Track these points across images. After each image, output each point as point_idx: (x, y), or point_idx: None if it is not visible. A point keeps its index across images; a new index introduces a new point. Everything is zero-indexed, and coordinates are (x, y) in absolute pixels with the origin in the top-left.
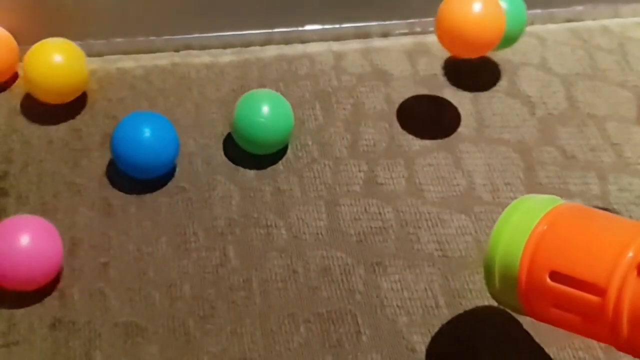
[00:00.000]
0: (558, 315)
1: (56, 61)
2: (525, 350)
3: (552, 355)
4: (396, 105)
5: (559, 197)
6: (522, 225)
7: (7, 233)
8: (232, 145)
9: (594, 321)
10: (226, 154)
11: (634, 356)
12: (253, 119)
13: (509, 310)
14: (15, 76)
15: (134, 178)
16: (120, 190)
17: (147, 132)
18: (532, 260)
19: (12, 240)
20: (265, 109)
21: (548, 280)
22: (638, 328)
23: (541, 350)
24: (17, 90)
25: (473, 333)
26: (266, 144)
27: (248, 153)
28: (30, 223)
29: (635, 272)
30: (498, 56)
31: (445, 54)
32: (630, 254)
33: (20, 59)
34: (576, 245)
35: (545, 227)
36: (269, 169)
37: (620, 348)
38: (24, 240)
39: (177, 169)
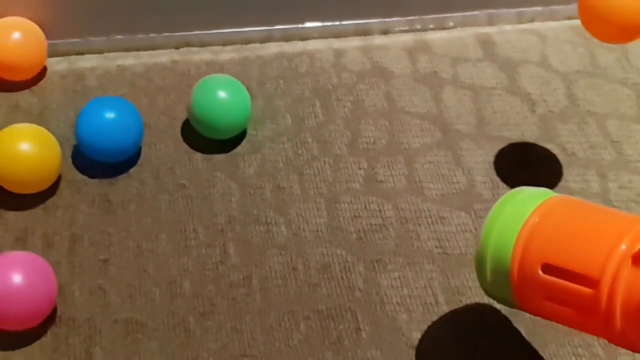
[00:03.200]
0: (551, 308)
1: (23, 150)
2: (525, 347)
3: (551, 352)
4: (396, 103)
5: (550, 190)
6: (513, 218)
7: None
8: (232, 142)
9: (587, 314)
10: (226, 152)
11: (627, 349)
12: (209, 103)
13: (501, 304)
14: (44, 71)
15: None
16: (120, 187)
17: (108, 116)
18: (524, 252)
19: (3, 280)
20: (222, 94)
21: (540, 272)
22: (631, 320)
23: (541, 347)
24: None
25: (473, 330)
26: (223, 128)
27: (248, 151)
28: (23, 261)
29: (629, 262)
30: (498, 53)
31: (446, 51)
32: (623, 247)
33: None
34: (568, 237)
35: (537, 219)
36: (269, 166)
37: (613, 341)
38: (17, 280)
39: (177, 166)
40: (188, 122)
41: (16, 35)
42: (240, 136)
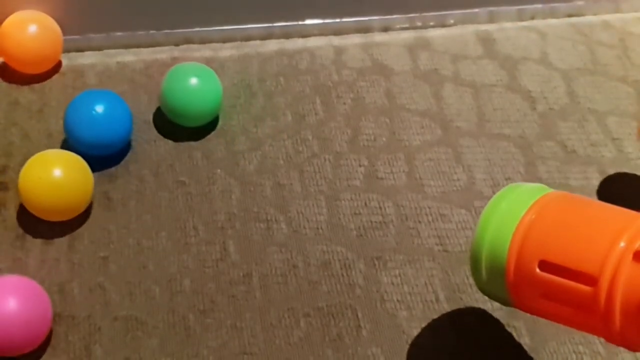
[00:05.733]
0: (548, 306)
1: (56, 175)
2: (525, 344)
3: (552, 350)
4: (397, 100)
5: (546, 186)
6: (509, 214)
7: None
8: (233, 140)
9: (585, 312)
10: (226, 148)
11: (626, 348)
12: (181, 90)
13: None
14: (58, 65)
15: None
16: (120, 184)
17: (96, 110)
18: (520, 249)
19: None
20: (193, 80)
21: (537, 270)
22: (631, 318)
23: (541, 344)
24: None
25: (473, 327)
26: (195, 115)
27: (248, 148)
28: (15, 286)
29: (629, 259)
30: (499, 51)
31: (446, 49)
32: (623, 244)
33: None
34: (566, 233)
35: (533, 216)
36: (269, 163)
37: (612, 340)
38: (10, 305)
39: (177, 163)
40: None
41: (32, 28)
42: (239, 133)
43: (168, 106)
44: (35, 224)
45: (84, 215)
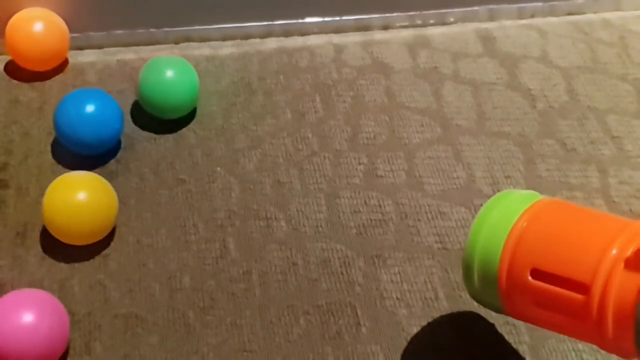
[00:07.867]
0: (540, 314)
1: (80, 199)
2: (525, 342)
3: (551, 348)
4: (396, 98)
5: (538, 193)
6: (501, 222)
7: (10, 310)
8: (233, 138)
9: (577, 320)
10: (226, 146)
11: (619, 355)
12: (157, 82)
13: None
14: (65, 63)
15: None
16: (120, 182)
17: (87, 109)
18: (512, 257)
19: (15, 319)
20: (169, 73)
21: (529, 278)
22: (624, 326)
23: (540, 342)
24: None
25: (472, 326)
26: (172, 107)
27: (248, 146)
28: (35, 299)
29: (621, 267)
30: (499, 49)
31: (446, 47)
32: (614, 251)
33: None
34: (558, 242)
35: (525, 223)
36: (269, 161)
37: (605, 348)
38: (28, 318)
39: (177, 161)
40: (188, 117)
41: (40, 25)
42: (239, 131)
43: (144, 99)
44: (35, 222)
45: None
